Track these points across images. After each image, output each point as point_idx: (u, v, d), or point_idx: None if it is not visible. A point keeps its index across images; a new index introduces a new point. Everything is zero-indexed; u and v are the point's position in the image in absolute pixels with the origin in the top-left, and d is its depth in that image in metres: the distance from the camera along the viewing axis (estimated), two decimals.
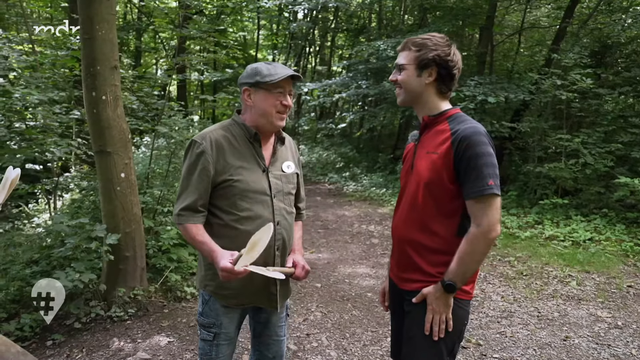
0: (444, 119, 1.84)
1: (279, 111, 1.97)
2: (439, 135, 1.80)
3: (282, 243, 2.04)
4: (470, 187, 1.70)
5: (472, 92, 7.79)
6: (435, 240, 1.81)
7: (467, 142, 1.69)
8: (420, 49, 1.82)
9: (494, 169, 1.70)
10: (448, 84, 1.85)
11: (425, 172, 1.80)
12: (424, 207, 1.81)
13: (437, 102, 1.87)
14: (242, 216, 1.93)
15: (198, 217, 1.93)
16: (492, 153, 1.71)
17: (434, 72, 1.82)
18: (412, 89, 1.85)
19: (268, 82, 1.92)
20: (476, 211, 1.71)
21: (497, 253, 5.84)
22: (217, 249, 1.85)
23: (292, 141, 2.24)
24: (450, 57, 1.81)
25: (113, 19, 3.98)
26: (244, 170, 1.94)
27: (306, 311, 4.17)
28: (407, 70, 1.84)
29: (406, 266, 1.91)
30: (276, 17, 19.90)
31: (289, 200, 2.08)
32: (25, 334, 3.78)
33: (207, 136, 1.94)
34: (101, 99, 3.92)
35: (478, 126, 1.74)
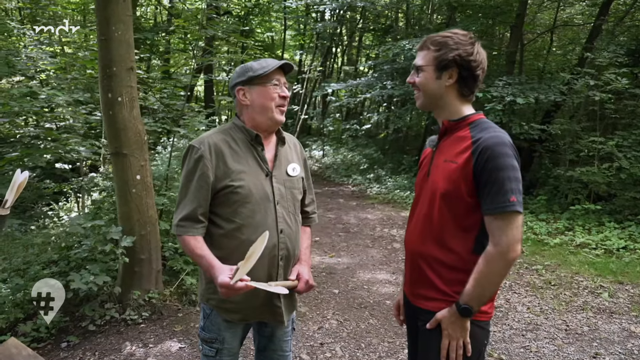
0: (465, 125, 1.70)
1: (278, 105, 1.88)
2: (459, 143, 1.66)
3: (287, 252, 1.93)
4: (490, 202, 1.55)
5: (500, 93, 7.53)
6: (451, 256, 1.67)
7: (489, 152, 1.54)
8: (439, 48, 1.67)
9: (518, 184, 1.55)
10: (470, 86, 1.70)
11: (442, 182, 1.66)
12: (440, 219, 1.68)
13: (458, 105, 1.72)
14: (244, 224, 1.83)
15: (198, 228, 1.84)
16: (516, 166, 1.56)
17: (455, 73, 1.67)
18: (431, 92, 1.71)
19: (262, 75, 1.83)
20: (495, 229, 1.56)
21: (524, 260, 5.60)
22: (216, 264, 1.76)
23: (297, 141, 2.13)
24: (473, 57, 1.66)
25: (129, 20, 3.95)
26: (245, 175, 1.84)
27: (322, 319, 4.06)
28: (426, 71, 1.70)
29: (419, 282, 1.78)
30: (303, 18, 19.87)
31: (294, 206, 1.98)
32: (41, 334, 3.79)
33: (205, 140, 1.85)
34: (117, 100, 3.90)
35: (502, 135, 1.59)
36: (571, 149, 8.19)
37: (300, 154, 2.10)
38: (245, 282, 1.68)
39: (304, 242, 2.09)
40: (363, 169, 11.73)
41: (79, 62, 6.48)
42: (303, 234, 2.10)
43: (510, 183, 1.53)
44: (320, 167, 13.53)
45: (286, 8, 21.02)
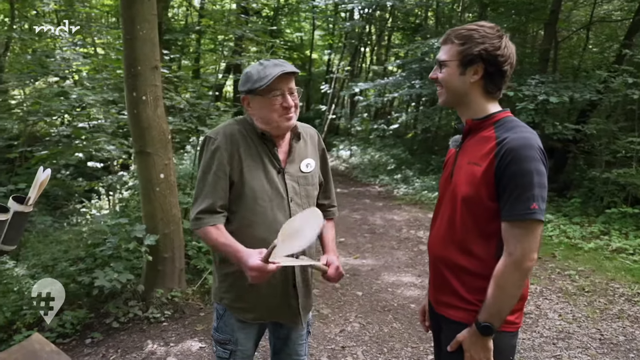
0: (490, 124, 1.60)
1: (282, 115, 1.78)
2: (484, 144, 1.56)
3: (302, 251, 1.86)
4: (509, 209, 1.46)
5: (533, 92, 7.29)
6: (474, 263, 1.58)
7: (513, 155, 1.45)
8: (464, 42, 1.56)
9: (541, 191, 1.45)
10: (497, 82, 1.60)
11: (464, 185, 1.58)
12: (462, 224, 1.59)
13: (483, 103, 1.62)
14: (255, 221, 1.78)
15: (217, 217, 1.78)
16: (542, 171, 1.46)
17: (480, 69, 1.57)
18: (455, 88, 1.62)
19: (261, 88, 1.73)
20: (510, 237, 1.47)
21: (556, 265, 5.40)
22: (242, 249, 1.69)
23: (314, 132, 2.05)
24: (501, 51, 1.55)
25: (154, 19, 3.97)
26: (258, 171, 1.79)
27: (344, 321, 3.98)
28: (449, 67, 1.60)
29: (442, 288, 1.69)
30: (332, 17, 19.81)
31: (309, 203, 1.91)
32: (66, 330, 3.84)
33: (221, 131, 1.81)
34: (141, 99, 3.92)
35: (529, 136, 1.49)
36: (607, 149, 7.87)
37: (318, 145, 2.03)
38: (276, 264, 1.60)
39: (328, 234, 2.02)
40: (390, 169, 11.58)
41: (107, 62, 6.59)
42: (325, 227, 2.02)
43: (532, 189, 1.44)
44: (347, 167, 13.43)
45: (315, 8, 21.03)
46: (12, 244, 2.32)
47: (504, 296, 1.48)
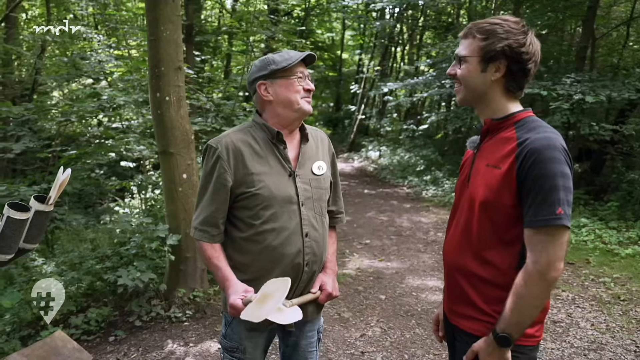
0: (510, 124, 1.51)
1: (303, 97, 1.78)
2: (504, 145, 1.47)
3: (312, 257, 1.81)
4: (533, 214, 1.37)
5: (568, 91, 7.03)
6: (491, 271, 1.49)
7: (535, 157, 1.36)
8: (487, 37, 1.48)
9: (567, 195, 1.36)
10: (519, 81, 1.51)
11: (482, 188, 1.49)
12: (479, 230, 1.51)
13: (504, 102, 1.53)
14: (266, 229, 1.73)
15: (215, 235, 1.77)
16: (567, 174, 1.36)
17: (503, 66, 1.48)
18: (474, 86, 1.53)
19: (286, 67, 1.73)
20: (535, 244, 1.38)
21: (590, 272, 5.18)
22: (232, 279, 1.70)
23: (324, 135, 2.01)
24: (525, 48, 1.46)
25: (178, 20, 3.99)
26: (266, 177, 1.75)
27: (365, 325, 3.91)
28: (469, 63, 1.52)
29: (457, 297, 1.61)
30: (363, 17, 19.68)
31: (320, 207, 1.86)
32: (91, 327, 3.90)
33: (222, 140, 1.77)
34: (164, 99, 3.95)
35: (553, 136, 1.40)
36: None
37: (328, 149, 1.98)
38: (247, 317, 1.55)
39: (330, 247, 1.97)
40: (419, 170, 11.39)
41: (139, 64, 6.70)
42: (329, 238, 1.98)
43: (557, 193, 1.34)
44: (376, 168, 13.30)
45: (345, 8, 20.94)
46: (33, 242, 2.35)
47: (525, 307, 1.39)
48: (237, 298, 1.62)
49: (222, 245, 1.80)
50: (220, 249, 1.78)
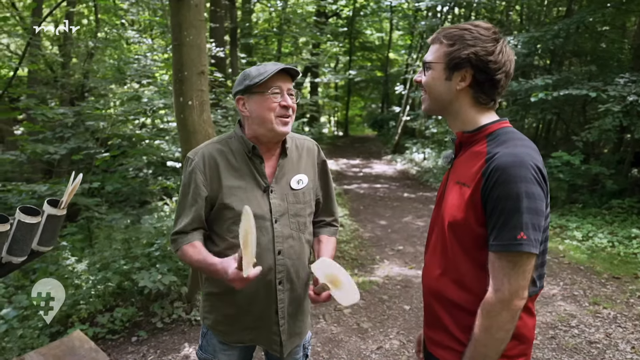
0: (482, 137, 1.39)
1: (279, 115, 1.68)
2: (474, 160, 1.35)
3: (287, 275, 1.74)
4: (494, 238, 1.26)
5: (620, 92, 6.57)
6: (467, 297, 1.38)
7: (499, 174, 1.24)
8: (453, 42, 1.37)
9: (533, 217, 1.23)
10: (488, 92, 1.38)
11: (451, 208, 1.38)
12: (453, 254, 1.40)
13: (473, 114, 1.41)
14: (236, 243, 1.68)
15: (193, 234, 1.72)
16: (534, 194, 1.23)
17: (469, 75, 1.37)
18: (438, 94, 1.42)
19: (258, 83, 1.64)
20: (497, 270, 1.26)
21: (637, 287, 4.79)
22: (217, 261, 1.60)
23: (312, 146, 1.91)
24: (494, 57, 1.34)
25: (201, 24, 4.01)
26: (239, 191, 1.69)
27: (383, 337, 3.78)
28: (434, 70, 1.42)
29: (433, 324, 1.51)
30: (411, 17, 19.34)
31: (298, 222, 1.78)
32: (115, 327, 3.99)
33: (200, 151, 1.73)
34: (187, 104, 3.97)
35: (522, 151, 1.27)
36: None
37: (317, 157, 1.90)
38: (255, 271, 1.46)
39: (327, 251, 1.85)
40: None
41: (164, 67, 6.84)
42: (326, 242, 1.88)
43: (520, 216, 1.22)
44: (419, 170, 13.01)
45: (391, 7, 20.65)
46: (48, 245, 2.40)
47: (489, 340, 1.27)
48: (233, 269, 1.49)
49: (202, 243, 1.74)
50: (200, 244, 1.71)
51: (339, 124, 28.65)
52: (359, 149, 18.41)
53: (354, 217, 7.79)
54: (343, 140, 22.56)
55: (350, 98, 26.55)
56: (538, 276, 1.38)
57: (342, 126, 27.38)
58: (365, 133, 26.87)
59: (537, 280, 1.38)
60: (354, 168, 13.79)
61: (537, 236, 1.24)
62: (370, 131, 26.28)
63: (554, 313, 4.19)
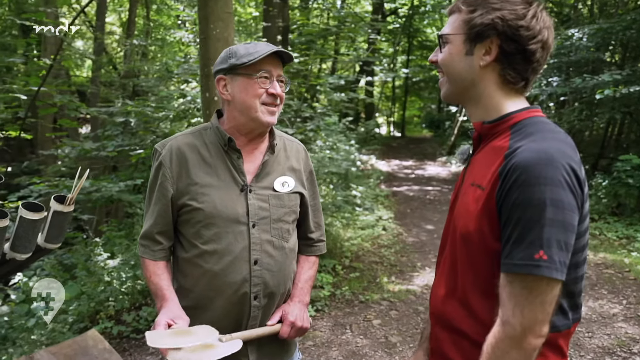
0: (505, 128, 1.10)
1: (265, 102, 1.47)
2: (493, 157, 1.08)
3: (264, 289, 1.52)
4: (507, 255, 0.98)
5: None
6: (476, 327, 1.10)
7: (519, 174, 0.96)
8: (475, 8, 1.10)
9: (558, 233, 0.94)
10: (519, 68, 1.10)
11: (464, 216, 1.11)
12: (463, 271, 1.12)
13: (498, 98, 1.13)
14: (207, 250, 1.49)
15: (157, 251, 1.55)
16: (562, 202, 0.94)
17: (495, 46, 1.09)
18: (458, 74, 1.15)
19: (246, 64, 1.43)
20: (506, 297, 0.98)
21: None
22: (168, 299, 1.48)
23: (300, 150, 1.69)
24: (525, 22, 1.06)
25: (229, 17, 3.87)
26: (212, 190, 1.49)
27: (412, 354, 3.47)
28: (452, 43, 1.14)
29: (437, 355, 1.24)
30: None
31: (281, 230, 1.55)
32: (140, 326, 3.93)
33: (168, 144, 1.54)
34: (213, 99, 3.84)
35: (553, 146, 0.98)
36: None
37: (305, 164, 1.67)
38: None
39: (304, 273, 1.66)
40: None
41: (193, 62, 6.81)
42: (304, 263, 1.68)
43: (541, 229, 0.93)
44: None
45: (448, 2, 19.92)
46: (55, 242, 2.33)
47: None
48: (163, 319, 1.39)
49: (169, 263, 1.58)
50: (165, 267, 1.56)
51: (396, 125, 28.12)
52: (413, 150, 17.89)
53: (399, 221, 7.45)
54: (399, 141, 22.08)
55: (407, 98, 25.98)
56: (572, 306, 1.08)
57: (400, 127, 26.85)
58: (423, 134, 26.21)
59: (571, 311, 1.08)
60: (406, 169, 13.37)
61: (564, 257, 0.95)
62: (427, 132, 25.58)
63: (612, 336, 3.71)
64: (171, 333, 1.32)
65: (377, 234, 6.44)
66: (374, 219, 7.06)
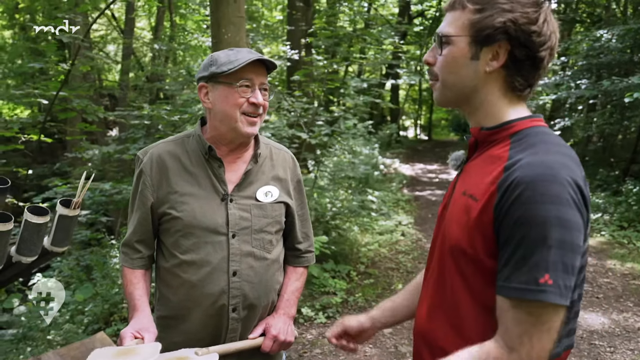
0: (505, 137, 1.03)
1: (245, 112, 1.43)
2: (490, 166, 1.01)
3: (243, 301, 1.49)
4: (507, 277, 0.91)
5: None
6: (463, 347, 1.02)
7: (522, 190, 0.89)
8: (482, 7, 1.01)
9: (565, 255, 0.87)
10: (527, 74, 1.02)
11: (454, 228, 1.04)
12: (452, 287, 1.05)
13: (501, 105, 1.06)
14: (186, 260, 1.47)
15: (135, 259, 1.54)
16: (571, 222, 0.88)
17: (503, 51, 1.01)
18: (459, 80, 1.06)
19: (226, 72, 1.39)
20: (511, 323, 0.92)
21: None
22: (138, 309, 1.46)
23: (288, 159, 1.65)
24: (537, 27, 0.99)
25: (241, 21, 3.87)
26: (192, 199, 1.47)
27: None
28: (455, 45, 1.05)
29: None
30: None
31: (262, 240, 1.52)
32: None
33: (149, 151, 1.53)
34: None
35: (557, 160, 0.91)
36: None
37: (292, 173, 1.63)
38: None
39: (291, 285, 1.62)
40: None
41: None
42: (292, 275, 1.64)
43: (547, 251, 0.86)
44: None
45: None
46: (61, 245, 2.37)
47: None
48: (129, 331, 1.37)
49: (147, 272, 1.56)
50: (142, 276, 1.55)
51: (423, 128, 27.83)
52: (439, 154, 17.63)
53: (419, 226, 7.32)
54: (425, 144, 21.84)
55: None
56: (566, 331, 1.01)
57: (427, 130, 26.56)
58: (450, 137, 25.85)
59: (566, 337, 1.01)
60: (430, 174, 13.18)
61: (570, 281, 0.88)
62: (454, 135, 25.22)
63: (636, 352, 3.53)
64: (116, 353, 1.29)
65: (396, 239, 6.34)
66: (393, 224, 6.96)
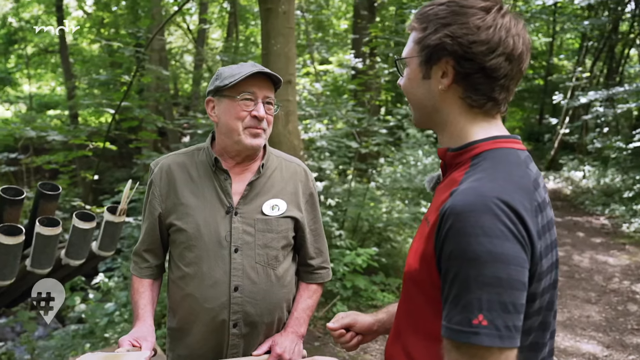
0: (467, 159, 0.97)
1: (248, 126, 1.43)
2: (446, 191, 0.94)
3: (244, 317, 1.47)
4: (445, 315, 0.85)
5: None
6: None
7: (452, 222, 0.83)
8: (426, 25, 0.97)
9: (500, 293, 0.79)
10: (483, 87, 0.95)
11: (410, 254, 1.00)
12: (409, 313, 1.02)
13: (464, 123, 0.99)
14: (189, 273, 1.48)
15: (143, 269, 1.57)
16: (504, 255, 0.79)
17: (450, 67, 0.95)
18: (418, 101, 1.03)
19: (228, 86, 1.41)
20: None
21: None
22: (140, 318, 1.48)
23: (300, 171, 1.62)
24: (476, 36, 0.91)
25: (290, 32, 3.91)
26: (197, 211, 1.48)
27: None
28: (409, 67, 1.03)
29: None
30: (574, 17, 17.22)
31: (267, 256, 1.49)
32: None
33: (160, 162, 1.56)
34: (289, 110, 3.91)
35: (496, 187, 0.84)
36: None
37: (304, 187, 1.60)
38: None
39: (302, 302, 1.59)
40: (628, 197, 9.29)
41: None
42: (304, 292, 1.61)
43: (479, 289, 0.79)
44: (575, 191, 11.35)
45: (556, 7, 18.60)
46: (108, 250, 2.49)
47: None
48: (127, 339, 1.39)
49: (156, 282, 1.59)
50: (150, 285, 1.57)
51: None
52: None
53: None
54: None
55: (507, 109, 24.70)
56: None
57: None
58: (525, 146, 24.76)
59: None
60: None
61: (511, 320, 0.79)
62: (526, 144, 24.09)
63: None
64: (103, 358, 1.33)
65: None
66: None
